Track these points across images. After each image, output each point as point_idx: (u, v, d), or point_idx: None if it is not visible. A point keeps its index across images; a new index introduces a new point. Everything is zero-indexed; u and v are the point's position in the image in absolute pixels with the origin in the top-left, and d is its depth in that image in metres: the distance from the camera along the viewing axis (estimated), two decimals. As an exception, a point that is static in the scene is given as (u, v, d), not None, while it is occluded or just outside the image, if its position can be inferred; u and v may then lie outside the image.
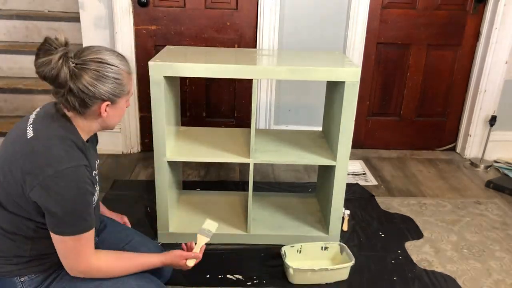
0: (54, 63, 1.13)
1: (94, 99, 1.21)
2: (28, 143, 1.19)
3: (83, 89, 1.18)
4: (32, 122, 1.26)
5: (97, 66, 1.19)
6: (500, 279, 1.93)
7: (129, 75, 1.30)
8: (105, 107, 1.25)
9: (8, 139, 1.28)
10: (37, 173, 1.14)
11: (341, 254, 1.98)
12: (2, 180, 1.21)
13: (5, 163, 1.22)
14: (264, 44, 2.89)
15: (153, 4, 2.83)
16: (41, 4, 3.66)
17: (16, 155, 1.19)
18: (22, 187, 1.16)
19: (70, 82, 1.16)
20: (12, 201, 1.20)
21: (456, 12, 2.99)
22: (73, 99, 1.19)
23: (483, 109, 3.10)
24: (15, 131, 1.28)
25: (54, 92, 1.21)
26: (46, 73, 1.14)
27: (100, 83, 1.20)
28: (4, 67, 3.22)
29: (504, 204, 2.57)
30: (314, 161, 1.99)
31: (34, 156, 1.17)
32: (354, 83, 1.82)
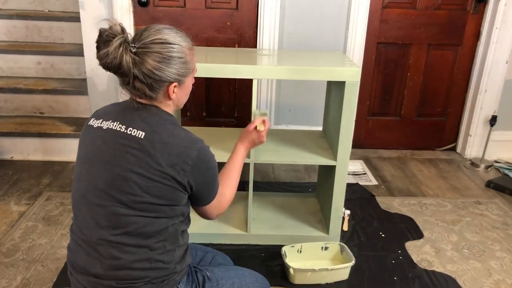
0: (114, 52, 1.09)
1: (161, 82, 1.16)
2: (147, 139, 1.14)
3: (149, 74, 1.13)
4: (115, 120, 1.19)
5: (159, 47, 1.13)
6: (501, 279, 1.93)
7: (191, 51, 1.23)
8: (173, 88, 1.19)
9: (92, 153, 1.18)
10: (183, 161, 1.14)
11: (341, 254, 1.98)
12: (144, 185, 1.13)
13: (121, 170, 1.13)
14: (264, 44, 2.89)
15: (153, 3, 2.83)
16: (41, 3, 3.67)
17: (137, 156, 1.13)
18: (171, 179, 1.14)
19: (133, 69, 1.12)
20: (162, 200, 1.16)
21: (457, 12, 2.99)
22: (140, 85, 1.15)
23: (483, 109, 3.09)
24: (92, 140, 1.20)
25: (121, 82, 1.17)
26: (109, 64, 1.11)
27: (165, 65, 1.14)
28: (4, 66, 3.22)
29: (505, 204, 2.57)
30: (315, 161, 1.99)
31: (169, 147, 1.14)
32: (355, 83, 1.81)
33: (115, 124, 1.18)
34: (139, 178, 1.13)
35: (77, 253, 1.20)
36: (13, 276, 1.83)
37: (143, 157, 1.13)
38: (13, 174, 2.72)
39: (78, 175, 1.21)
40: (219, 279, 1.33)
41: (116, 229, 1.15)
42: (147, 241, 1.17)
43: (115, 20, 1.15)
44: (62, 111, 3.11)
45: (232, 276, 1.36)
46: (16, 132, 2.86)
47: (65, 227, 2.18)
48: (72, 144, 2.91)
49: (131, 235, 1.15)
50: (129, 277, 1.16)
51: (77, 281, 1.21)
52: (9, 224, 2.20)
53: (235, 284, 1.34)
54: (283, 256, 1.88)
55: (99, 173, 1.16)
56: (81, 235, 1.19)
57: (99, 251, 1.16)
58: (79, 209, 1.20)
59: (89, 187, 1.17)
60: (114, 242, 1.15)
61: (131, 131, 1.15)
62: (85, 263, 1.18)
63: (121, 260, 1.15)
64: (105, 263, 1.16)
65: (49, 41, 3.42)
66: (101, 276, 1.16)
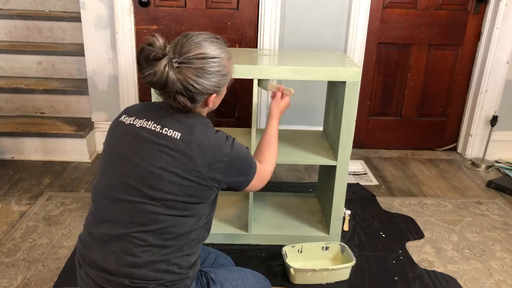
0: (160, 73, 1.13)
1: (202, 95, 1.21)
2: (183, 140, 1.17)
3: (190, 88, 1.17)
4: (149, 119, 1.21)
5: (201, 63, 1.17)
6: (501, 279, 1.93)
7: (230, 61, 1.28)
8: (212, 99, 1.25)
9: (123, 148, 1.21)
10: (219, 160, 1.19)
11: (342, 254, 1.98)
12: (178, 184, 1.16)
13: (155, 168, 1.15)
14: (264, 44, 2.89)
15: (154, 3, 2.83)
16: (42, 4, 3.67)
17: (173, 156, 1.16)
18: (207, 178, 1.18)
19: (178, 86, 1.15)
20: (193, 198, 1.19)
21: (457, 12, 2.99)
22: (182, 98, 1.18)
23: (484, 109, 3.09)
24: (123, 136, 1.22)
25: (163, 96, 1.22)
26: (154, 82, 1.15)
27: (206, 79, 1.19)
28: (5, 66, 3.22)
29: (505, 204, 2.57)
30: (315, 161, 1.98)
31: (204, 148, 1.18)
32: (355, 83, 1.81)
33: (149, 123, 1.20)
34: (173, 177, 1.15)
35: (90, 246, 1.20)
36: (14, 276, 1.83)
37: (179, 157, 1.15)
38: (14, 174, 2.73)
39: (105, 168, 1.23)
40: (223, 281, 1.34)
41: (141, 226, 1.16)
42: (169, 242, 1.18)
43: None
44: (63, 111, 3.12)
45: (235, 277, 1.38)
46: (17, 132, 2.86)
47: (65, 227, 2.19)
48: (72, 144, 2.91)
49: (156, 234, 1.16)
50: (143, 277, 1.16)
51: (86, 274, 1.21)
52: (10, 224, 2.20)
53: (238, 286, 1.37)
54: (283, 256, 1.88)
55: (130, 169, 1.17)
56: (99, 228, 1.19)
57: (118, 246, 1.16)
58: (101, 202, 1.21)
59: (117, 182, 1.19)
60: (136, 239, 1.16)
61: (167, 132, 1.18)
62: (98, 257, 1.18)
63: (139, 258, 1.16)
64: (121, 259, 1.16)
65: (50, 41, 3.43)
66: (113, 272, 1.16)
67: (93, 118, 3.05)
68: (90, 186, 2.62)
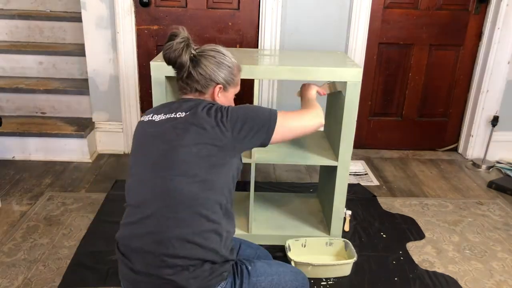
0: (176, 45, 1.34)
1: (210, 81, 1.38)
2: (191, 114, 1.30)
3: (202, 72, 1.36)
4: (166, 113, 1.34)
5: (214, 53, 1.39)
6: (502, 280, 1.93)
7: (238, 69, 1.46)
8: (218, 90, 1.40)
9: (146, 138, 1.33)
10: (222, 115, 1.30)
11: (345, 250, 1.98)
12: (195, 152, 1.25)
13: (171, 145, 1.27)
14: (265, 44, 2.89)
15: (154, 4, 2.83)
16: (43, 4, 3.68)
17: (185, 129, 1.28)
18: (219, 137, 1.27)
19: (190, 66, 1.36)
20: (220, 166, 1.28)
21: (458, 12, 2.99)
22: (194, 79, 1.37)
23: (485, 109, 3.09)
24: (144, 130, 1.36)
25: (177, 78, 1.40)
26: (170, 54, 1.35)
27: (216, 67, 1.38)
28: (6, 66, 3.23)
29: (506, 204, 2.57)
30: (316, 161, 1.98)
31: (209, 113, 1.30)
32: (356, 83, 1.81)
33: (166, 115, 1.34)
34: (188, 147, 1.25)
35: (140, 224, 1.25)
36: (15, 276, 1.83)
37: (190, 127, 1.27)
38: (14, 174, 2.73)
39: (134, 162, 1.34)
40: (259, 275, 1.35)
41: (173, 200, 1.24)
42: (201, 213, 1.24)
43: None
44: (63, 111, 3.12)
45: (273, 273, 1.38)
46: (17, 132, 2.86)
47: (66, 227, 2.19)
48: (73, 144, 2.91)
49: (185, 206, 1.23)
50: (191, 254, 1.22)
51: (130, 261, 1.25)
52: (10, 224, 2.20)
53: (274, 281, 1.37)
54: (286, 249, 1.89)
55: (155, 152, 1.28)
56: (136, 215, 1.26)
57: (153, 224, 1.23)
58: (136, 188, 1.30)
59: (145, 165, 1.29)
60: (168, 214, 1.23)
61: (178, 114, 1.32)
62: (155, 227, 1.23)
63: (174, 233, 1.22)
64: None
65: (50, 41, 3.43)
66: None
67: (94, 118, 3.05)
68: (91, 187, 2.62)
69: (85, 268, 1.88)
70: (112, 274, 1.84)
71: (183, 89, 1.41)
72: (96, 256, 1.96)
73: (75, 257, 1.95)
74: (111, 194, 2.50)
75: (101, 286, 1.78)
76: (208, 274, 1.23)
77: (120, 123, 3.05)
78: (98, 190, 2.57)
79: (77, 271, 1.86)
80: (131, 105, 2.99)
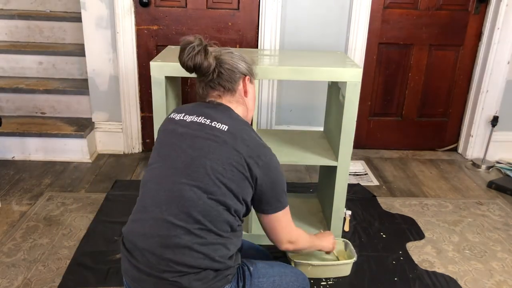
0: (198, 49, 1.32)
1: (239, 73, 1.41)
2: (229, 131, 1.30)
3: (228, 67, 1.38)
4: (199, 115, 1.34)
5: (229, 50, 1.44)
6: (502, 280, 1.93)
7: (253, 62, 1.49)
8: (246, 81, 1.43)
9: (175, 139, 1.32)
10: (258, 155, 1.29)
11: (345, 250, 1.98)
12: (221, 168, 1.25)
13: (201, 154, 1.26)
14: (265, 44, 2.89)
15: (154, 4, 2.83)
16: (43, 4, 3.68)
17: (219, 143, 1.27)
18: (246, 168, 1.27)
19: (216, 66, 1.37)
20: (233, 188, 1.26)
21: (458, 12, 2.99)
22: (223, 77, 1.38)
23: (485, 109, 3.09)
24: (174, 129, 1.35)
25: (206, 81, 1.40)
26: (195, 59, 1.33)
27: (237, 60, 1.41)
28: (6, 66, 3.22)
29: (506, 204, 2.57)
30: (316, 161, 1.98)
31: (248, 142, 1.30)
32: (356, 84, 1.81)
33: (199, 118, 1.33)
34: (217, 163, 1.24)
35: (150, 224, 1.24)
36: (15, 276, 1.83)
37: (224, 144, 1.27)
38: (14, 174, 2.73)
39: (156, 159, 1.33)
40: (261, 276, 1.35)
41: (185, 208, 1.23)
42: (209, 228, 1.24)
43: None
44: (63, 111, 3.12)
45: (274, 274, 1.39)
46: (17, 132, 2.86)
47: (66, 227, 2.19)
48: (73, 144, 2.91)
49: (198, 217, 1.23)
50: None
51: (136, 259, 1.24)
52: (10, 224, 2.20)
53: (276, 282, 1.37)
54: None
55: (179, 157, 1.27)
56: (147, 213, 1.26)
57: (162, 229, 1.23)
58: (150, 188, 1.29)
59: (165, 168, 1.28)
60: (178, 222, 1.23)
61: (216, 124, 1.31)
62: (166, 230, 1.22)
63: (182, 240, 1.22)
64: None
65: (50, 41, 3.43)
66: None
67: (94, 118, 3.05)
68: (91, 187, 2.62)
69: (85, 268, 1.88)
70: (112, 274, 1.84)
71: (211, 91, 1.41)
72: (96, 256, 1.96)
73: (75, 257, 1.95)
74: (111, 194, 2.50)
75: (101, 286, 1.78)
76: (212, 277, 1.23)
77: (120, 123, 3.05)
78: (98, 190, 2.57)
79: (77, 271, 1.86)
80: (131, 105, 2.99)
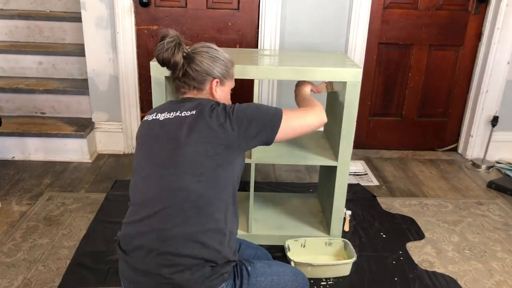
0: (167, 44, 1.34)
1: (207, 75, 1.40)
2: (198, 112, 1.32)
3: (197, 68, 1.39)
4: (170, 111, 1.35)
5: (206, 49, 1.42)
6: (502, 280, 1.93)
7: (232, 63, 1.48)
8: (215, 84, 1.42)
9: (151, 137, 1.34)
10: (227, 115, 1.31)
11: (345, 250, 1.98)
12: (202, 149, 1.26)
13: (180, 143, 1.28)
14: (265, 44, 2.89)
15: (154, 4, 2.83)
16: (43, 4, 3.68)
17: (192, 127, 1.29)
18: (224, 135, 1.29)
19: (185, 63, 1.38)
20: (221, 162, 1.28)
21: (458, 12, 2.99)
22: (190, 76, 1.39)
23: (485, 109, 3.09)
24: (149, 129, 1.37)
25: (173, 78, 1.43)
26: (163, 55, 1.35)
27: (210, 61, 1.40)
28: (6, 67, 3.22)
29: (506, 204, 2.57)
30: (316, 161, 1.98)
31: (214, 112, 1.31)
32: (356, 84, 1.81)
33: (171, 114, 1.35)
34: (196, 145, 1.26)
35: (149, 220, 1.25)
36: (15, 276, 1.83)
37: (197, 126, 1.28)
38: (14, 174, 2.73)
39: (140, 161, 1.34)
40: (259, 275, 1.35)
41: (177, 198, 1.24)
42: (203, 211, 1.25)
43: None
44: (63, 111, 3.12)
45: (273, 273, 1.38)
46: (17, 132, 2.86)
47: (66, 227, 2.19)
48: (73, 144, 2.91)
49: (191, 204, 1.24)
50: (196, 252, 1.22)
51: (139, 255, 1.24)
52: (10, 224, 2.20)
53: (274, 281, 1.37)
54: (286, 250, 1.88)
55: (160, 150, 1.29)
56: (140, 213, 1.26)
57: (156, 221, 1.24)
58: (140, 186, 1.30)
59: (150, 165, 1.30)
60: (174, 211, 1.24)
61: (185, 113, 1.32)
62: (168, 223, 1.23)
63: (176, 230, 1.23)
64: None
65: (50, 41, 3.43)
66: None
67: (94, 118, 3.05)
68: (90, 187, 2.62)
69: (85, 268, 1.88)
70: (112, 274, 1.84)
71: (181, 88, 1.43)
72: (96, 256, 1.96)
73: (75, 257, 1.95)
74: (111, 194, 2.50)
75: (101, 286, 1.78)
76: (208, 275, 1.22)
77: (120, 123, 3.04)
78: (97, 190, 2.56)
79: (77, 271, 1.86)
80: (131, 105, 2.99)
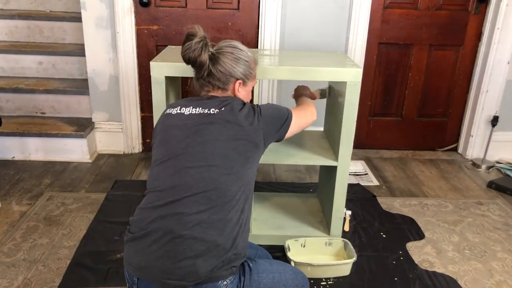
0: (195, 45, 1.39)
1: (230, 77, 1.45)
2: (226, 110, 1.38)
3: (221, 69, 1.43)
4: (196, 106, 1.40)
5: (231, 49, 1.46)
6: (502, 280, 1.93)
7: (255, 63, 1.53)
8: (238, 85, 1.47)
9: (176, 131, 1.37)
10: (254, 114, 1.40)
11: (344, 250, 1.98)
12: (228, 147, 1.32)
13: (208, 140, 1.33)
14: (265, 44, 2.89)
15: (154, 4, 2.83)
16: (43, 4, 3.68)
17: (221, 125, 1.35)
18: (254, 131, 1.38)
19: (210, 64, 1.42)
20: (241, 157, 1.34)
21: (458, 12, 2.99)
22: (215, 77, 1.44)
23: (485, 109, 3.09)
24: (174, 123, 1.40)
25: (198, 77, 1.46)
26: (190, 54, 1.40)
27: (235, 63, 1.44)
28: (6, 66, 3.22)
29: (506, 204, 2.57)
30: (316, 161, 1.98)
31: (242, 113, 1.39)
32: (356, 84, 1.81)
33: (197, 109, 1.39)
34: (221, 142, 1.32)
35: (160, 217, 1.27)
36: (15, 276, 1.83)
37: (227, 124, 1.34)
38: (14, 174, 2.73)
39: (161, 154, 1.36)
40: (260, 272, 1.37)
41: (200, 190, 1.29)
42: (220, 204, 1.28)
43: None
44: (63, 111, 3.12)
45: (274, 270, 1.41)
46: (17, 132, 2.86)
47: (66, 227, 2.19)
48: (73, 144, 2.91)
49: (212, 196, 1.28)
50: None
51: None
52: (10, 224, 2.20)
53: (275, 279, 1.39)
54: (286, 250, 1.88)
55: (185, 142, 1.33)
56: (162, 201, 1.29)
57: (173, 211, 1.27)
58: (163, 178, 1.32)
59: (176, 156, 1.33)
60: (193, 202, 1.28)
61: (212, 110, 1.37)
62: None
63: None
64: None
65: (50, 41, 3.43)
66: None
67: (94, 118, 3.05)
68: (91, 187, 2.62)
69: (85, 268, 1.88)
70: (112, 274, 1.84)
71: (205, 86, 1.47)
72: (96, 256, 1.96)
73: (75, 257, 1.95)
74: (111, 194, 2.50)
75: (101, 286, 1.78)
76: (220, 265, 1.24)
77: (120, 123, 3.05)
78: (97, 190, 2.57)
79: (77, 271, 1.86)
80: (131, 105, 2.99)
